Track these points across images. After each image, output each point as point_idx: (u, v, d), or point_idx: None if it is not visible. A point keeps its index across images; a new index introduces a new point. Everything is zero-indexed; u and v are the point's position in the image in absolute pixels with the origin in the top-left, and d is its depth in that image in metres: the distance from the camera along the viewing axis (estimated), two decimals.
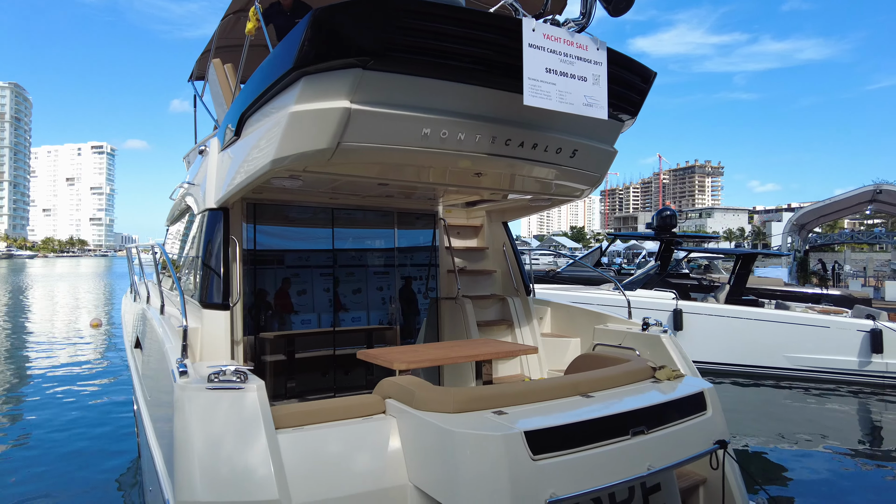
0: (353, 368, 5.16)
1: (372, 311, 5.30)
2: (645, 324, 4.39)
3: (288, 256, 4.95)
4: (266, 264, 4.84)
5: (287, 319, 5.02)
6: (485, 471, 2.25)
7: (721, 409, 3.11)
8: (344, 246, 5.08)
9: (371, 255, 5.30)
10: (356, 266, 5.20)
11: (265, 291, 4.86)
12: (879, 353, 10.04)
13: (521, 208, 5.35)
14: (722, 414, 3.10)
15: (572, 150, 3.62)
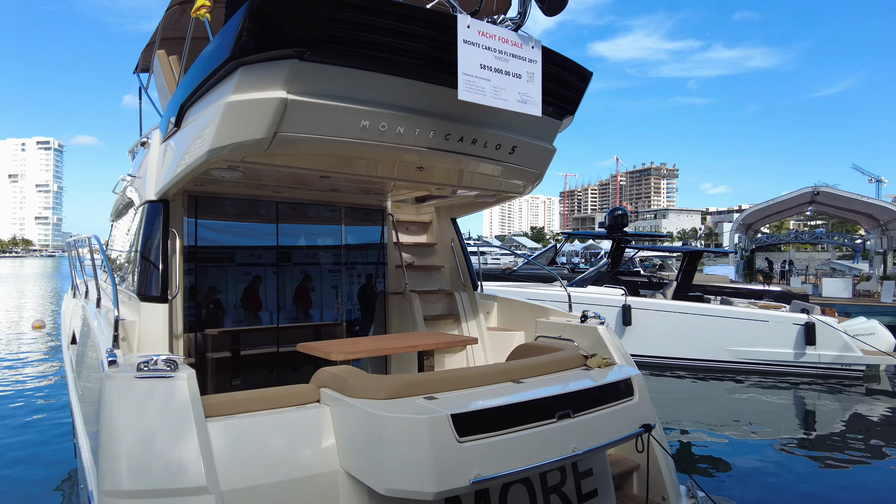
0: (300, 365, 5.14)
1: (318, 308, 5.30)
2: (584, 316, 4.53)
3: (230, 251, 4.90)
4: (208, 259, 4.78)
5: (231, 316, 4.96)
6: (410, 453, 2.31)
7: (648, 395, 3.25)
8: (289, 241, 5.06)
9: (317, 251, 5.29)
10: (302, 261, 5.19)
11: (207, 287, 4.80)
12: (812, 345, 10.57)
13: (468, 205, 5.43)
14: (649, 399, 3.25)
15: (511, 147, 3.71)
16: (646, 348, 11.54)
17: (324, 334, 5.29)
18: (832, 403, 9.67)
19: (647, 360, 11.54)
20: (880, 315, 17.45)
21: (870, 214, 22.29)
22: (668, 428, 8.04)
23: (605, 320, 4.52)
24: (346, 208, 5.20)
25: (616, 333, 11.82)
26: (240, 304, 5.00)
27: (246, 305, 5.00)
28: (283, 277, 5.12)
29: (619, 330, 11.64)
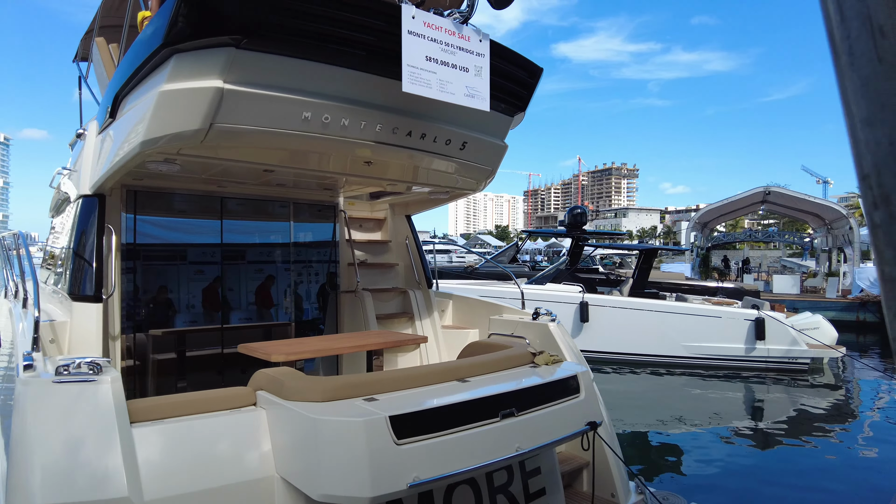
0: (249, 367, 4.99)
1: (267, 307, 5.15)
2: (535, 313, 4.53)
3: (173, 248, 4.72)
4: (149, 256, 4.58)
5: (176, 316, 4.78)
6: (346, 457, 2.23)
7: (595, 392, 3.25)
8: (235, 238, 4.89)
9: (265, 248, 5.14)
10: (249, 259, 5.03)
11: (148, 285, 4.61)
12: (762, 340, 10.90)
13: (423, 201, 5.37)
14: (595, 396, 3.24)
15: (462, 143, 3.66)
16: (603, 344, 11.70)
17: (274, 334, 5.14)
18: (780, 396, 9.98)
19: (604, 356, 11.71)
20: (825, 310, 18.17)
21: (817, 214, 23.16)
22: (623, 423, 8.15)
23: (556, 317, 4.53)
24: (296, 204, 5.06)
25: (574, 330, 11.91)
26: (185, 303, 4.82)
27: (191, 305, 4.82)
28: (230, 276, 4.95)
29: (577, 327, 11.76)
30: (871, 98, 0.63)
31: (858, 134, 0.65)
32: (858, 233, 19.78)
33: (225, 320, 4.95)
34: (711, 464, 6.82)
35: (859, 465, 6.88)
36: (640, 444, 7.50)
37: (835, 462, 7.02)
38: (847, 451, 7.43)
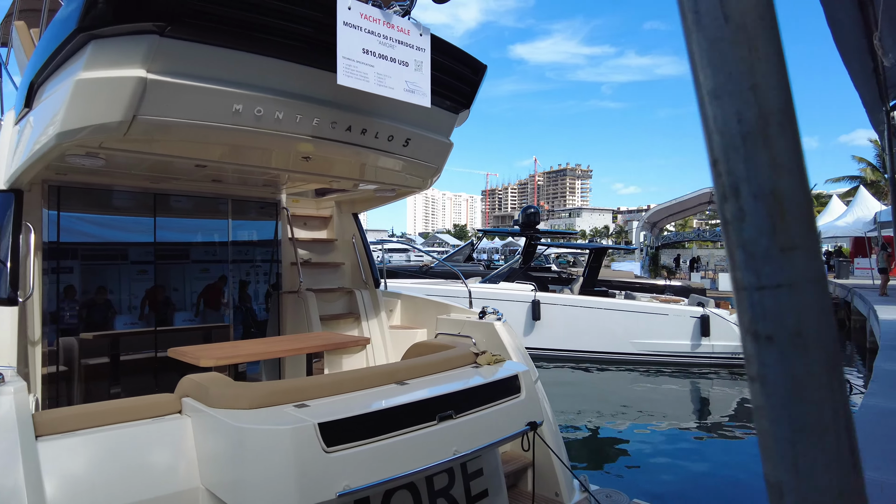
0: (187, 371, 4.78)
1: (207, 309, 4.94)
2: (482, 312, 4.49)
3: (102, 248, 4.46)
4: (76, 256, 4.32)
5: (105, 318, 4.52)
6: (271, 467, 2.12)
7: (536, 391, 3.23)
8: (170, 236, 4.67)
9: (202, 247, 4.93)
10: (184, 258, 4.81)
11: (76, 287, 4.34)
12: (707, 337, 11.22)
13: (369, 199, 5.26)
14: (537, 396, 3.22)
15: (405, 139, 3.59)
16: (554, 342, 11.83)
17: (213, 337, 4.94)
18: (723, 390, 10.30)
19: (556, 354, 11.84)
20: None
21: None
22: (572, 420, 8.24)
23: (502, 315, 4.51)
24: (235, 201, 4.87)
25: (526, 328, 12.00)
26: (118, 305, 4.57)
27: (125, 306, 4.57)
28: (166, 276, 4.72)
29: (530, 325, 11.85)
30: (717, 65, 0.55)
31: (707, 109, 0.57)
32: None
33: (161, 322, 4.72)
34: (657, 459, 6.96)
35: None
36: (587, 441, 7.59)
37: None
38: None
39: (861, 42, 2.88)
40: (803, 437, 0.53)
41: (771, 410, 0.53)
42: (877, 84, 3.67)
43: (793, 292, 0.53)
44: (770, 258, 0.54)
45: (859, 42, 2.79)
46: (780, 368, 0.52)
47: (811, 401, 0.52)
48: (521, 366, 3.32)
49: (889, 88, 3.99)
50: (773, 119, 0.53)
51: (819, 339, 0.52)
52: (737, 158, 0.54)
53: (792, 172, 0.54)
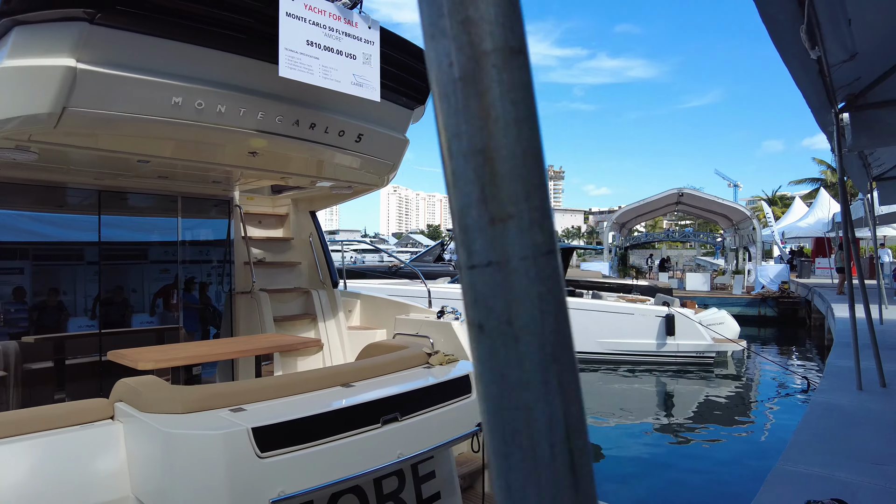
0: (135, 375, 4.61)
1: (157, 310, 4.78)
2: (440, 312, 4.44)
3: (44, 247, 4.28)
4: (14, 256, 4.13)
5: (50, 320, 4.34)
6: (201, 475, 2.03)
7: None
8: (116, 235, 4.50)
9: (151, 246, 4.77)
10: (130, 259, 4.64)
11: (17, 287, 4.15)
12: (672, 335, 11.36)
13: (326, 197, 5.16)
14: None
15: (357, 135, 3.51)
16: None
17: (165, 339, 4.78)
18: (688, 388, 10.44)
19: None
20: (732, 305, 19.27)
21: (725, 215, 24.59)
22: None
23: (460, 315, 4.46)
24: (185, 199, 4.72)
25: None
26: (65, 306, 4.38)
27: (71, 308, 4.39)
28: (113, 276, 4.55)
29: None
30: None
31: (426, 52, 0.47)
32: (760, 233, 21.14)
33: (108, 325, 4.54)
34: (620, 458, 6.99)
35: (769, 452, 7.24)
36: None
37: (737, 450, 7.36)
38: (747, 438, 7.83)
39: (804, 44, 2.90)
40: (515, 450, 0.44)
41: (485, 416, 0.46)
42: (823, 85, 3.72)
43: (503, 272, 0.44)
44: (481, 231, 0.46)
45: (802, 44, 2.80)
46: (491, 364, 0.45)
47: (521, 405, 0.43)
48: (472, 366, 3.29)
49: (837, 90, 4.06)
50: (486, 61, 0.44)
51: (532, 329, 0.44)
52: (448, 109, 0.45)
53: (508, 126, 0.44)
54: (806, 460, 3.16)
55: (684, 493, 6.11)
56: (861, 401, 4.43)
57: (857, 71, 3.78)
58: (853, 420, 3.92)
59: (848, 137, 4.46)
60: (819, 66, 3.34)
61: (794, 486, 2.80)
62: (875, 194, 9.15)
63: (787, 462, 3.15)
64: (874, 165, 7.33)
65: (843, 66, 3.48)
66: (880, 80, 4.04)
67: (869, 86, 4.15)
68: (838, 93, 4.11)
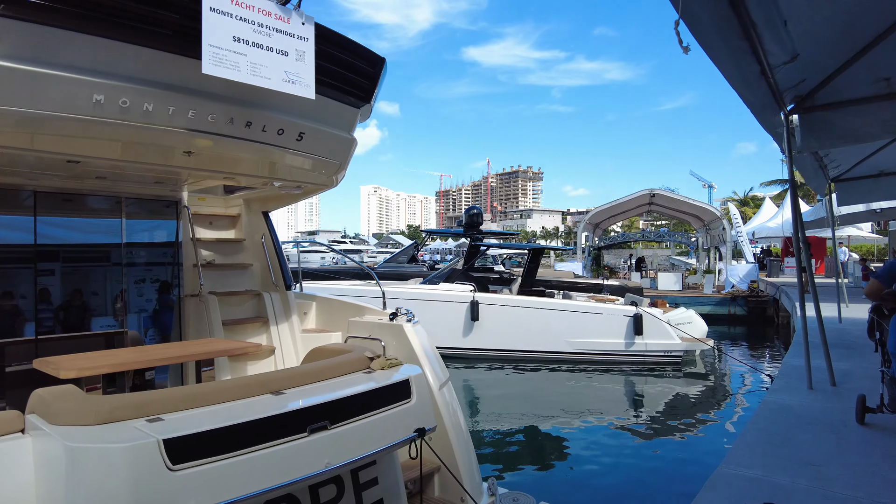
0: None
1: (100, 315, 4.62)
2: (393, 314, 4.37)
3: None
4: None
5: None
6: (107, 489, 1.93)
7: (430, 396, 3.11)
8: (57, 236, 4.33)
9: (93, 249, 4.60)
10: (72, 261, 4.48)
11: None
12: (640, 335, 11.43)
13: (279, 197, 5.05)
14: (430, 400, 3.10)
15: (298, 133, 3.43)
16: (492, 342, 11.83)
17: (109, 344, 4.62)
18: (655, 389, 10.51)
19: (493, 354, 11.83)
20: (703, 304, 19.54)
21: (696, 215, 24.91)
22: (502, 422, 8.22)
23: (412, 317, 4.39)
24: (129, 200, 4.57)
25: (465, 328, 11.85)
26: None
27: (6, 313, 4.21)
28: (53, 280, 4.38)
29: (468, 325, 11.80)
30: None
31: None
32: (730, 233, 21.46)
33: (48, 331, 4.37)
34: (582, 456, 6.99)
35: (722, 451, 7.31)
36: (516, 443, 7.57)
37: (700, 449, 7.42)
38: (710, 437, 7.89)
39: (740, 44, 2.89)
40: None
41: None
42: (768, 87, 3.73)
43: None
44: None
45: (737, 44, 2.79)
46: None
47: None
48: (415, 369, 3.20)
49: (784, 92, 4.08)
50: None
51: None
52: None
53: None
54: (747, 462, 3.16)
55: (641, 492, 6.13)
56: (810, 401, 4.47)
57: (803, 73, 3.80)
58: (799, 420, 3.94)
59: (798, 139, 4.50)
60: (760, 67, 3.35)
61: (731, 489, 2.79)
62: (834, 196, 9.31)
63: (730, 465, 3.14)
64: (830, 167, 7.44)
65: (785, 68, 3.49)
66: (826, 81, 4.07)
67: (816, 87, 4.18)
68: (786, 94, 4.13)
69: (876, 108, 4.22)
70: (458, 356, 11.89)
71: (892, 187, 8.35)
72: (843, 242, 28.49)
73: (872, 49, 3.64)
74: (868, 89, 4.15)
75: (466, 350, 11.88)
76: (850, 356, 6.57)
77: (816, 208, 13.14)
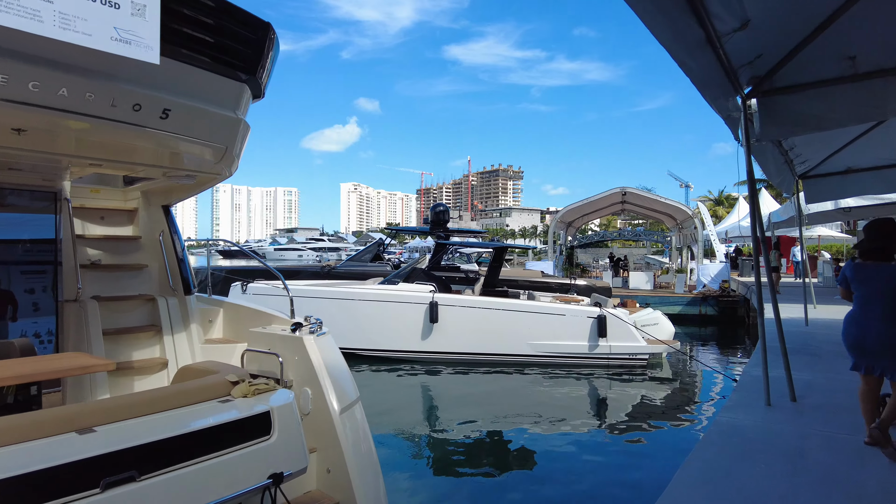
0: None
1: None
2: (297, 324, 3.81)
3: None
4: None
5: None
6: None
7: (299, 430, 2.55)
8: None
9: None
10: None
11: None
12: (604, 337, 10.98)
13: (182, 188, 4.45)
14: (299, 436, 2.54)
15: (161, 110, 2.84)
16: (452, 345, 11.29)
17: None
18: (617, 392, 10.07)
19: (453, 357, 11.30)
20: (674, 304, 19.24)
21: (669, 214, 24.64)
22: (455, 428, 7.68)
23: (317, 328, 3.84)
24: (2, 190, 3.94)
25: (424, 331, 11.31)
26: None
27: None
28: None
29: (427, 328, 11.25)
30: None
31: None
32: (702, 232, 21.20)
33: None
34: (537, 462, 6.50)
35: None
36: (470, 450, 7.05)
37: (660, 455, 6.97)
38: (674, 445, 7.46)
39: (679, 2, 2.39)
40: None
41: None
42: (717, 60, 3.23)
43: None
44: None
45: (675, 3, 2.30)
46: None
47: None
48: (285, 397, 2.64)
49: (738, 69, 3.59)
50: None
51: None
52: None
53: None
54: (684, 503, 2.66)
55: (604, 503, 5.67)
56: (766, 421, 3.99)
57: (758, 46, 3.32)
58: (750, 447, 3.45)
59: (756, 125, 4.03)
60: (706, 33, 2.85)
61: None
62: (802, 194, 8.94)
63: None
64: (797, 162, 7.03)
65: (736, 37, 3.00)
66: (786, 60, 3.60)
67: (775, 67, 3.71)
68: (741, 73, 3.65)
69: (841, 91, 3.77)
70: (417, 360, 11.33)
71: (860, 184, 7.99)
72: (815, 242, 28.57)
73: (837, 21, 3.18)
74: (832, 69, 3.70)
75: (425, 353, 11.32)
76: (815, 364, 6.16)
77: (786, 207, 12.85)
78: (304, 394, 3.58)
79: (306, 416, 3.59)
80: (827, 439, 3.66)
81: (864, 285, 3.57)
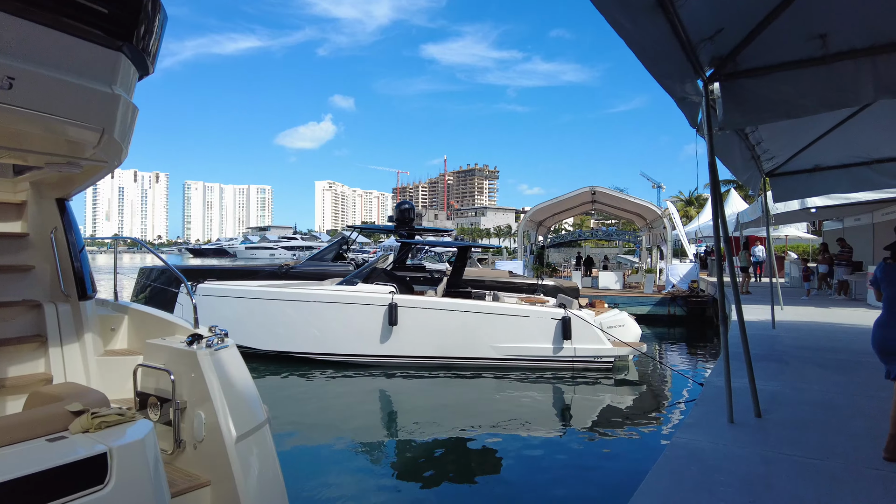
0: None
1: None
2: (195, 336, 3.30)
3: None
4: None
5: None
6: None
7: (151, 475, 2.04)
8: None
9: None
10: None
11: None
12: (569, 339, 10.62)
13: (70, 178, 3.89)
14: (146, 483, 2.04)
15: (4, 79, 2.30)
16: (412, 348, 10.80)
17: None
18: (580, 396, 9.71)
19: (413, 361, 10.82)
20: (643, 304, 19.06)
21: (639, 214, 24.54)
22: (409, 435, 7.20)
23: (218, 341, 3.33)
24: None
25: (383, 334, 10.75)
26: None
27: None
28: None
29: (386, 330, 10.75)
30: None
31: None
32: (671, 232, 21.10)
33: None
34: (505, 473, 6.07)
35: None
36: (430, 457, 6.58)
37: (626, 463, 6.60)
38: (639, 450, 7.10)
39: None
40: None
41: None
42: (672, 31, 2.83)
43: None
44: None
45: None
46: None
47: None
48: (138, 432, 2.13)
49: (697, 45, 3.19)
50: None
51: None
52: None
53: None
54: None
55: None
56: (727, 441, 3.59)
57: (718, 17, 2.92)
58: (708, 476, 3.04)
59: (719, 112, 3.65)
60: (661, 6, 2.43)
61: None
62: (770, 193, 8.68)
63: None
64: (764, 159, 6.72)
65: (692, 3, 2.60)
66: (751, 37, 3.21)
67: (739, 46, 3.32)
68: (701, 49, 3.25)
69: (811, 74, 3.41)
70: (376, 364, 10.82)
71: (828, 183, 7.76)
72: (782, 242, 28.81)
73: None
74: (801, 50, 3.33)
75: (384, 357, 10.82)
76: (782, 372, 5.83)
77: (754, 206, 12.67)
78: (197, 417, 3.07)
79: (200, 443, 3.09)
80: (795, 465, 3.28)
81: (892, 286, 3.49)
